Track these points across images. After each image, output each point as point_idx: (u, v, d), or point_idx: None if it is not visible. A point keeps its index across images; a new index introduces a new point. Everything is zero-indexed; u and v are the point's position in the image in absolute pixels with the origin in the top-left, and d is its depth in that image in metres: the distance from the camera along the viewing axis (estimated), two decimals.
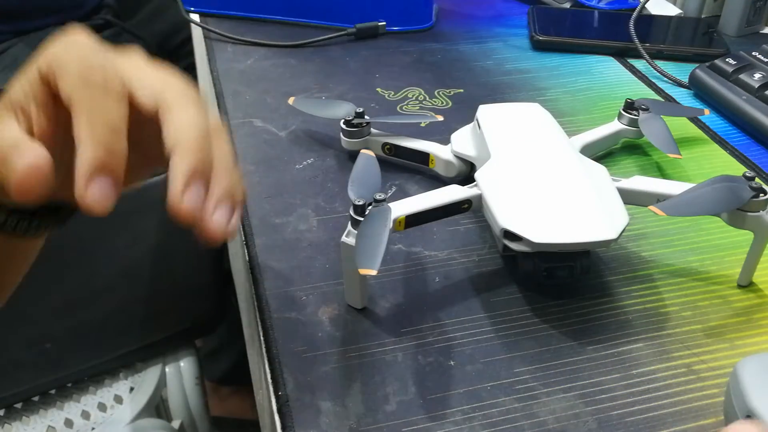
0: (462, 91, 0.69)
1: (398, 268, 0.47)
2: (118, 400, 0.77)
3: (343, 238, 0.40)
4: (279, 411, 0.38)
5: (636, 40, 0.75)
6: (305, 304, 0.44)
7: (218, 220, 0.28)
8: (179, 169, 0.27)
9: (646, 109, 0.57)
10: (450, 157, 0.53)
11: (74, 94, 0.27)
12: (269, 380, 0.40)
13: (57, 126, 0.29)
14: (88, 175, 0.26)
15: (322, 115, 0.59)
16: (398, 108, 0.66)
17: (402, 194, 0.54)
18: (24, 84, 0.29)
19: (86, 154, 0.26)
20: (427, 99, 0.67)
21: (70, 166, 0.26)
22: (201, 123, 0.28)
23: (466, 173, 0.54)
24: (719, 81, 0.67)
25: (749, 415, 0.32)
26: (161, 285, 0.78)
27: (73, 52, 0.28)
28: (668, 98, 0.69)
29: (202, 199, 0.27)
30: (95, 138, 0.26)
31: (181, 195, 0.27)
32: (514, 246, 0.42)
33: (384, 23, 0.80)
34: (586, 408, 0.38)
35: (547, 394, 0.38)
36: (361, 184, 0.43)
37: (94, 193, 0.26)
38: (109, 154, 0.26)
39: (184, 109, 0.28)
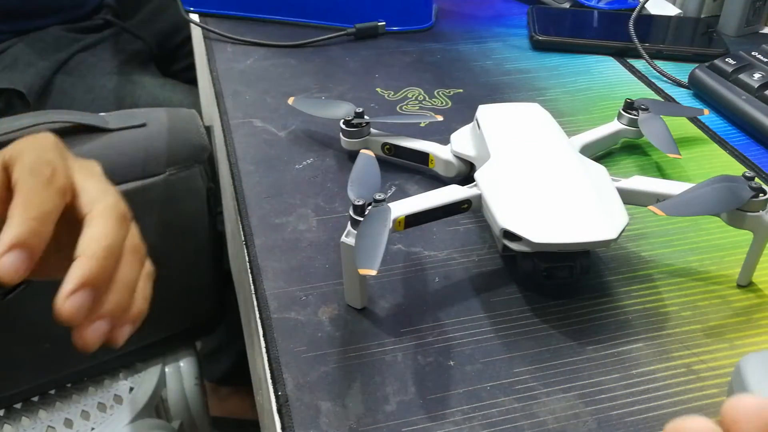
0: (462, 91, 0.69)
1: (398, 268, 0.47)
2: (118, 400, 0.77)
3: (343, 238, 0.40)
4: (279, 411, 0.38)
5: (636, 40, 0.75)
6: (305, 304, 0.44)
7: (94, 331, 0.30)
8: (72, 274, 0.29)
9: (646, 109, 0.57)
10: (450, 157, 0.54)
11: (20, 180, 0.30)
12: (269, 380, 0.40)
13: (5, 209, 0.32)
14: (5, 247, 0.28)
15: (321, 115, 0.59)
16: (398, 108, 0.66)
17: (402, 194, 0.54)
18: None
19: (11, 229, 0.29)
20: (427, 99, 0.67)
21: None
22: (112, 239, 0.31)
23: (465, 173, 0.54)
24: (719, 81, 0.67)
25: None
26: (161, 285, 0.78)
27: (33, 148, 0.32)
28: (668, 98, 0.69)
29: (84, 308, 0.29)
30: (24, 218, 0.29)
31: (65, 298, 0.29)
32: (513, 246, 0.42)
33: (384, 23, 0.80)
34: (585, 408, 0.38)
35: (546, 394, 0.38)
36: (361, 184, 0.43)
37: (5, 262, 0.28)
38: (32, 235, 0.29)
39: (103, 222, 0.31)
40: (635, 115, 0.58)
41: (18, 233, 0.29)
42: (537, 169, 0.45)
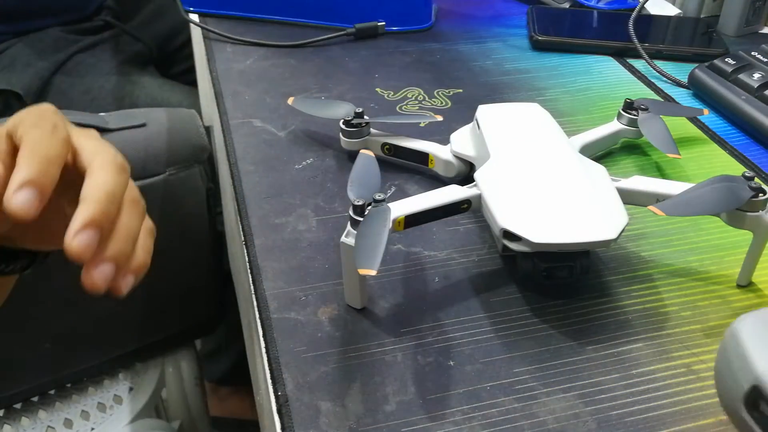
0: (461, 91, 0.69)
1: (398, 268, 0.47)
2: (118, 400, 0.77)
3: (343, 239, 0.41)
4: (279, 411, 0.38)
5: (635, 40, 0.75)
6: (305, 304, 0.44)
7: (101, 272, 0.31)
8: (78, 215, 0.31)
9: (646, 109, 0.57)
10: (449, 157, 0.53)
11: (24, 135, 0.32)
12: (269, 380, 0.40)
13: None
14: (17, 185, 0.30)
15: (321, 115, 0.59)
16: (398, 108, 0.66)
17: (401, 194, 0.54)
18: None
19: (20, 171, 0.30)
20: (427, 99, 0.67)
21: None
22: (113, 187, 0.32)
23: (465, 173, 0.54)
24: (718, 81, 0.67)
25: (756, 385, 0.28)
26: (161, 285, 0.78)
27: (34, 112, 0.33)
28: (668, 98, 0.69)
29: (92, 246, 0.30)
30: (32, 162, 0.30)
31: (73, 237, 0.30)
32: (513, 246, 0.42)
33: (383, 23, 0.80)
34: (585, 408, 0.38)
35: (546, 394, 0.38)
36: (361, 184, 0.43)
37: (18, 198, 0.29)
38: (40, 175, 0.30)
39: (103, 172, 0.32)
40: (635, 115, 0.58)
41: (27, 172, 0.30)
42: (537, 169, 0.45)
